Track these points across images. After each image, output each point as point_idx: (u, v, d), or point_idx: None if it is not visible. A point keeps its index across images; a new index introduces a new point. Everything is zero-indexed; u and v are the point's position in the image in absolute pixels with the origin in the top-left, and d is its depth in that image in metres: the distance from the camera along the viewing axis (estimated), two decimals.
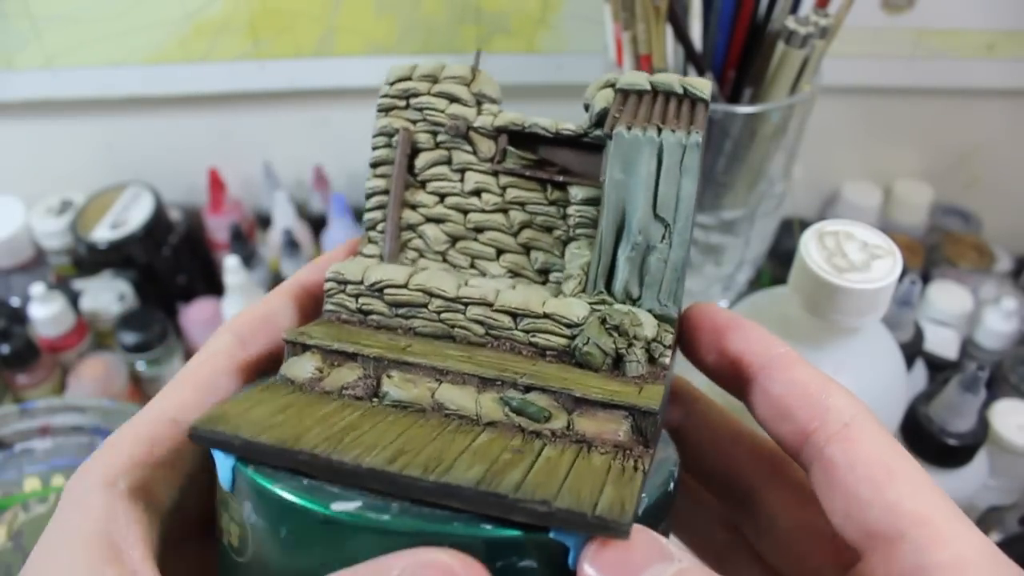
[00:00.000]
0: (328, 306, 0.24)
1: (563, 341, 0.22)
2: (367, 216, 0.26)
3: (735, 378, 0.22)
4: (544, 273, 0.25)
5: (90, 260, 0.69)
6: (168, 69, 0.69)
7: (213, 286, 0.74)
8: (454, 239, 0.25)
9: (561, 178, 0.24)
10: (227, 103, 0.72)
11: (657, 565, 0.16)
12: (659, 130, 0.22)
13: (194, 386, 0.21)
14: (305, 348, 0.22)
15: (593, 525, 0.16)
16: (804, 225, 0.42)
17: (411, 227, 0.25)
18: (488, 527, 0.17)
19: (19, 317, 0.66)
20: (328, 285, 0.24)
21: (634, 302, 0.23)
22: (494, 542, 0.17)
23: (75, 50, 0.67)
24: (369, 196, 0.25)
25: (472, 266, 0.25)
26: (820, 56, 0.48)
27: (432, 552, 0.16)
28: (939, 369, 0.63)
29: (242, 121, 0.74)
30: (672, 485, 0.20)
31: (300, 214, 0.76)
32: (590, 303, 0.23)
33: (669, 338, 0.22)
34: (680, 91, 0.23)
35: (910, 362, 0.54)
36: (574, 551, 0.17)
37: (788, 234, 0.72)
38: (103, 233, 0.67)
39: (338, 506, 0.17)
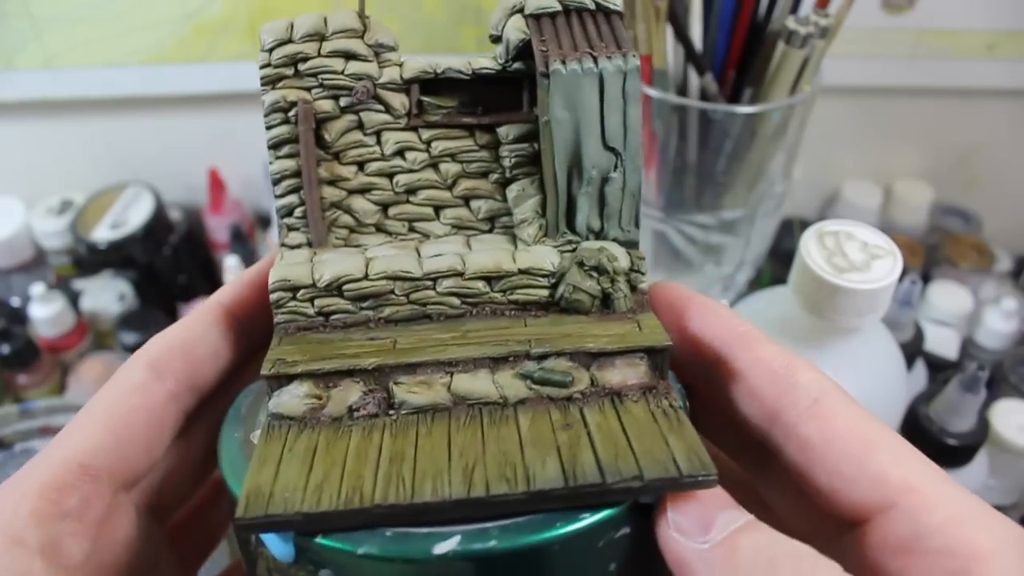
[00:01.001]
0: (280, 317, 0.22)
1: (544, 293, 0.22)
2: (280, 203, 0.23)
3: (698, 360, 0.22)
4: (490, 221, 0.24)
5: (90, 260, 0.69)
6: (168, 69, 0.68)
7: (213, 286, 0.73)
8: (385, 206, 0.24)
9: (488, 120, 0.23)
10: (227, 103, 0.72)
11: (730, 511, 0.17)
12: (595, 59, 0.21)
13: (105, 427, 0.19)
14: (291, 378, 0.20)
15: (687, 484, 0.17)
16: (804, 225, 0.42)
17: (334, 205, 0.23)
18: (586, 515, 0.17)
19: (19, 317, 0.66)
20: (276, 296, 0.21)
21: (597, 235, 0.22)
22: (596, 526, 0.17)
23: (75, 50, 0.67)
24: (277, 181, 0.23)
25: (412, 230, 0.24)
26: (820, 56, 0.48)
27: None
28: (939, 369, 0.63)
29: (242, 121, 0.74)
30: (687, 405, 0.21)
31: None
32: (558, 247, 0.22)
33: (644, 263, 0.22)
34: (592, 6, 0.22)
35: (910, 362, 0.54)
36: (655, 505, 0.18)
37: (788, 234, 0.71)
38: (103, 233, 0.67)
39: (440, 548, 0.17)
